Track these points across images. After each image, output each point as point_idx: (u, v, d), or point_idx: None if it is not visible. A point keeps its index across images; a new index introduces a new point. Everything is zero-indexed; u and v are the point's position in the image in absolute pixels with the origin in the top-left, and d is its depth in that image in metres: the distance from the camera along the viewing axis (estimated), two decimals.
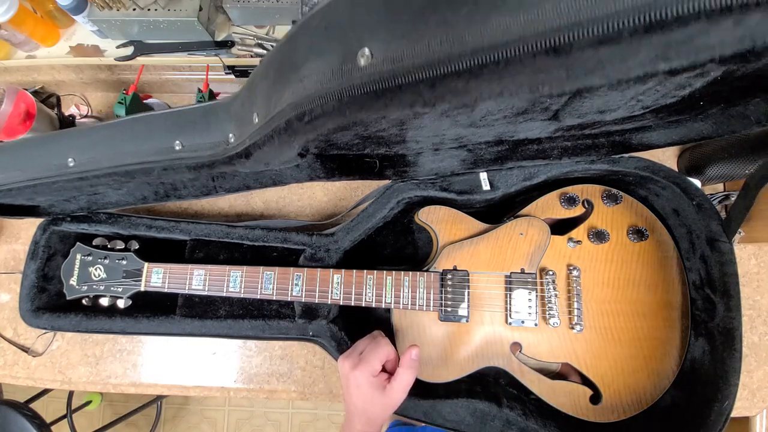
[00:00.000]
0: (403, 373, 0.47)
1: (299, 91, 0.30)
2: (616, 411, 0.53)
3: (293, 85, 0.30)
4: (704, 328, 0.52)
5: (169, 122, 0.43)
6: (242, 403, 1.56)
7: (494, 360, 0.54)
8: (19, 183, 0.47)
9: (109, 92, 0.77)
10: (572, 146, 0.54)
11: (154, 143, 0.44)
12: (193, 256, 0.63)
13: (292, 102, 0.30)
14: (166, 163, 0.43)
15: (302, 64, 0.30)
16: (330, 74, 0.27)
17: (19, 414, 0.99)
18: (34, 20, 0.64)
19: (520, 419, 0.54)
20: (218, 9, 0.65)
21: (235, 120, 0.40)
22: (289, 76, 0.31)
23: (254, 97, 0.37)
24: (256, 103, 0.36)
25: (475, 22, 0.23)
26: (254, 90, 0.37)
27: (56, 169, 0.46)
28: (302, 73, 0.30)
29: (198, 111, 0.43)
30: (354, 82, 0.26)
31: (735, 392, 0.48)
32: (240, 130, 0.39)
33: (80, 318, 0.60)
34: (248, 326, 0.60)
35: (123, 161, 0.44)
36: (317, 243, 0.60)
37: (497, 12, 0.22)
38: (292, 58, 0.31)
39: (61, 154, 0.46)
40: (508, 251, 0.55)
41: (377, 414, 0.46)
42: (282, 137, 0.34)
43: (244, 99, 0.39)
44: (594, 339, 0.54)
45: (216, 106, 0.42)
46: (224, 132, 0.41)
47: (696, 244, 0.54)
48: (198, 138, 0.43)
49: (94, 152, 0.45)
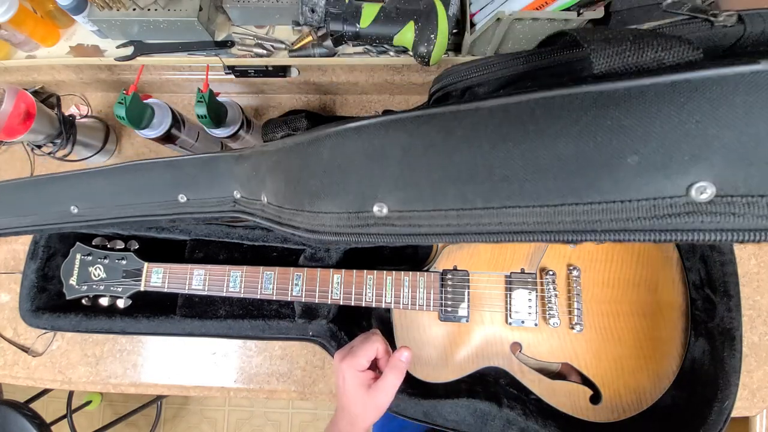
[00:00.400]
0: (387, 373, 0.44)
1: (315, 223, 0.30)
2: (616, 411, 0.53)
3: (307, 214, 0.30)
4: (704, 328, 0.52)
5: (168, 175, 0.42)
6: (242, 403, 1.56)
7: (494, 360, 0.54)
8: (25, 228, 0.47)
9: (109, 92, 0.77)
10: None
11: (157, 196, 0.43)
12: (193, 256, 0.63)
13: (307, 228, 0.31)
14: (173, 216, 0.43)
15: (316, 197, 0.30)
16: (346, 218, 0.28)
17: (19, 414, 0.99)
18: (34, 20, 0.64)
19: (520, 419, 0.54)
20: (218, 9, 0.65)
21: (239, 182, 0.40)
22: (303, 203, 0.31)
23: (263, 182, 0.36)
24: (265, 189, 0.36)
25: (494, 207, 0.24)
26: (261, 175, 0.36)
27: (61, 217, 0.46)
28: (317, 208, 0.30)
29: (198, 163, 0.42)
30: (370, 231, 0.27)
31: (735, 392, 0.48)
32: (247, 193, 0.39)
33: (80, 318, 0.60)
34: (248, 326, 0.60)
35: (127, 213, 0.44)
36: (317, 243, 0.60)
37: (514, 202, 0.23)
38: (304, 182, 0.30)
39: (63, 201, 0.45)
40: (508, 251, 0.55)
41: (358, 414, 0.43)
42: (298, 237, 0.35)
43: (249, 175, 0.38)
44: (594, 339, 0.54)
45: (216, 159, 0.41)
46: (228, 188, 0.40)
47: (696, 245, 0.54)
48: (202, 193, 0.42)
49: (97, 201, 0.45)
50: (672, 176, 0.20)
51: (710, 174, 0.19)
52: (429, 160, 0.25)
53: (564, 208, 0.22)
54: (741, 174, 0.19)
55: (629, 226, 0.21)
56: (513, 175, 0.23)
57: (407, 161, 0.25)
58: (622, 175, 0.21)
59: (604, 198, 0.21)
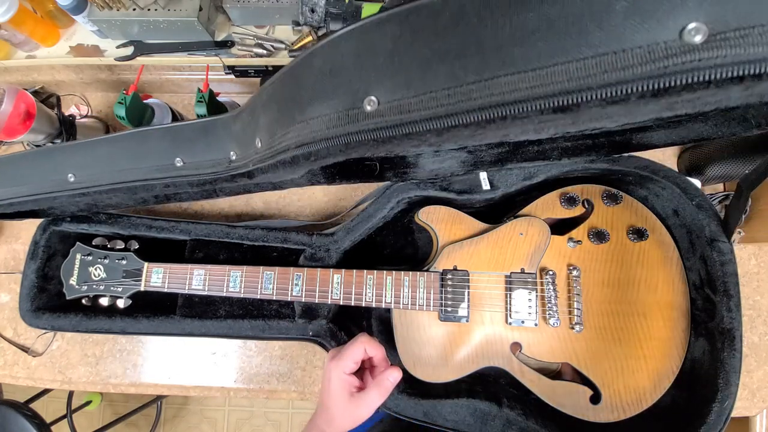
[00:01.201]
0: (371, 389, 0.43)
1: (305, 132, 0.30)
2: (616, 411, 0.53)
3: (298, 125, 0.30)
4: (704, 328, 0.52)
5: (167, 139, 0.43)
6: (242, 403, 1.56)
7: (494, 360, 0.54)
8: (19, 198, 0.47)
9: (109, 92, 0.77)
10: (572, 147, 0.54)
11: (153, 161, 0.43)
12: (193, 256, 0.63)
13: (297, 141, 0.30)
14: (168, 180, 0.43)
15: (307, 105, 0.30)
16: (336, 119, 0.28)
17: (19, 414, 0.99)
18: (34, 20, 0.64)
19: (520, 419, 0.54)
20: (218, 9, 0.65)
21: (236, 140, 0.40)
22: (294, 115, 0.31)
23: (256, 123, 0.36)
24: (259, 129, 0.36)
25: (484, 79, 0.23)
26: (256, 116, 0.36)
27: (57, 185, 0.46)
28: (308, 114, 0.30)
29: (196, 127, 0.42)
30: (360, 128, 0.27)
31: (735, 392, 0.48)
32: (242, 150, 0.39)
33: (80, 318, 0.60)
34: (248, 326, 0.60)
35: (124, 178, 0.44)
36: (317, 243, 0.60)
37: (505, 70, 0.22)
38: (296, 97, 0.31)
39: (61, 170, 0.45)
40: (508, 251, 0.55)
41: (337, 417, 0.43)
42: (287, 168, 0.34)
43: (245, 123, 0.38)
44: (594, 339, 0.54)
45: (215, 123, 0.41)
46: (225, 150, 0.41)
47: (696, 244, 0.54)
48: (199, 155, 0.42)
49: (94, 169, 0.45)
50: (663, 20, 0.20)
51: (700, 13, 0.19)
52: (418, 45, 0.24)
53: (556, 68, 0.21)
54: (729, 6, 0.19)
55: (625, 77, 0.20)
56: (502, 44, 0.22)
57: (397, 50, 0.25)
58: (612, 24, 0.20)
59: (596, 52, 0.21)
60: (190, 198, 0.59)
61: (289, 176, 0.41)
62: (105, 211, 0.62)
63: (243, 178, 0.40)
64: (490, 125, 0.24)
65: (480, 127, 0.24)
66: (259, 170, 0.37)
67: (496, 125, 0.24)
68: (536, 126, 0.24)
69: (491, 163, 0.56)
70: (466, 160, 0.55)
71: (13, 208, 0.49)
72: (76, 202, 0.58)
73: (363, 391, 0.43)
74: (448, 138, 0.26)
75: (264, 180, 0.40)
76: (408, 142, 0.27)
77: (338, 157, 0.30)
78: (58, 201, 0.48)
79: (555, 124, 0.24)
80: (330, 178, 0.56)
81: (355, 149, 0.28)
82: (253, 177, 0.39)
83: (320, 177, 0.56)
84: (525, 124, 0.24)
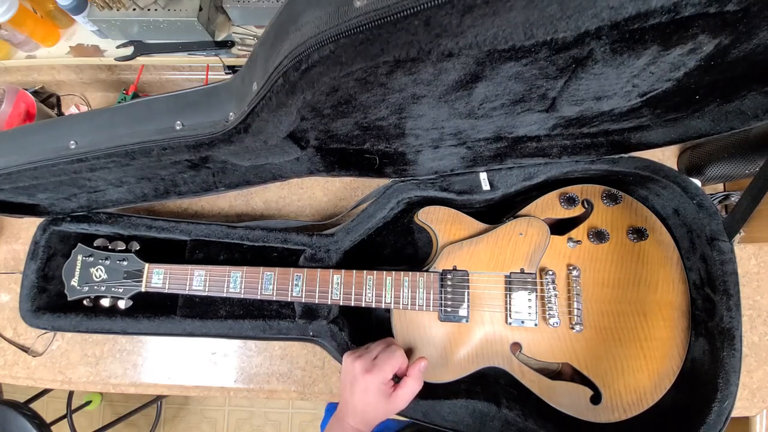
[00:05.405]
0: (411, 383, 0.47)
1: (296, 38, 0.30)
2: (617, 411, 0.52)
3: (291, 36, 0.30)
4: (704, 327, 0.52)
5: (170, 103, 0.44)
6: (242, 403, 1.56)
7: (494, 360, 0.54)
8: (19, 166, 0.47)
9: (109, 92, 0.77)
10: (571, 145, 0.54)
11: (155, 124, 0.44)
12: (193, 257, 0.63)
13: (288, 52, 0.30)
14: (165, 143, 0.43)
15: (300, 15, 0.30)
16: (327, 18, 0.28)
17: (19, 414, 0.99)
18: (34, 20, 0.64)
19: (519, 420, 0.54)
20: (218, 9, 0.65)
21: (236, 97, 0.41)
22: (288, 29, 0.31)
23: (254, 67, 0.37)
24: (256, 73, 0.36)
25: None
26: (254, 61, 0.37)
27: (57, 152, 0.46)
28: (300, 22, 0.30)
29: (200, 92, 0.44)
30: (350, 23, 0.27)
31: (735, 392, 0.48)
32: (239, 106, 0.40)
33: (80, 318, 0.60)
34: (249, 326, 0.60)
35: (123, 141, 0.44)
36: (317, 243, 0.60)
37: None
38: (291, 13, 0.31)
39: (63, 138, 0.46)
40: (508, 251, 0.55)
41: (375, 417, 0.47)
42: (279, 96, 0.34)
43: (244, 74, 0.39)
44: (594, 339, 0.54)
45: (218, 87, 0.42)
46: (225, 111, 0.42)
47: (696, 244, 0.54)
48: (198, 118, 0.43)
49: (96, 135, 0.46)
50: None
51: None
52: None
53: None
54: None
55: None
56: None
57: None
58: None
59: None
60: (190, 191, 0.59)
61: (285, 121, 0.41)
62: (105, 210, 0.62)
63: (239, 134, 0.41)
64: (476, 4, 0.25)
65: (467, 9, 0.25)
66: (253, 113, 0.37)
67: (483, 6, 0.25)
68: (524, 16, 0.26)
69: (490, 159, 0.56)
70: (466, 156, 0.55)
71: (11, 179, 0.49)
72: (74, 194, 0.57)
73: (399, 387, 0.47)
74: (437, 34, 0.26)
75: (260, 129, 0.40)
76: (397, 42, 0.27)
77: (330, 69, 0.30)
78: (56, 170, 0.48)
79: (543, 15, 0.26)
80: (329, 167, 0.56)
81: (345, 51, 0.28)
82: (248, 129, 0.39)
83: (319, 165, 0.55)
84: (512, 10, 0.26)
